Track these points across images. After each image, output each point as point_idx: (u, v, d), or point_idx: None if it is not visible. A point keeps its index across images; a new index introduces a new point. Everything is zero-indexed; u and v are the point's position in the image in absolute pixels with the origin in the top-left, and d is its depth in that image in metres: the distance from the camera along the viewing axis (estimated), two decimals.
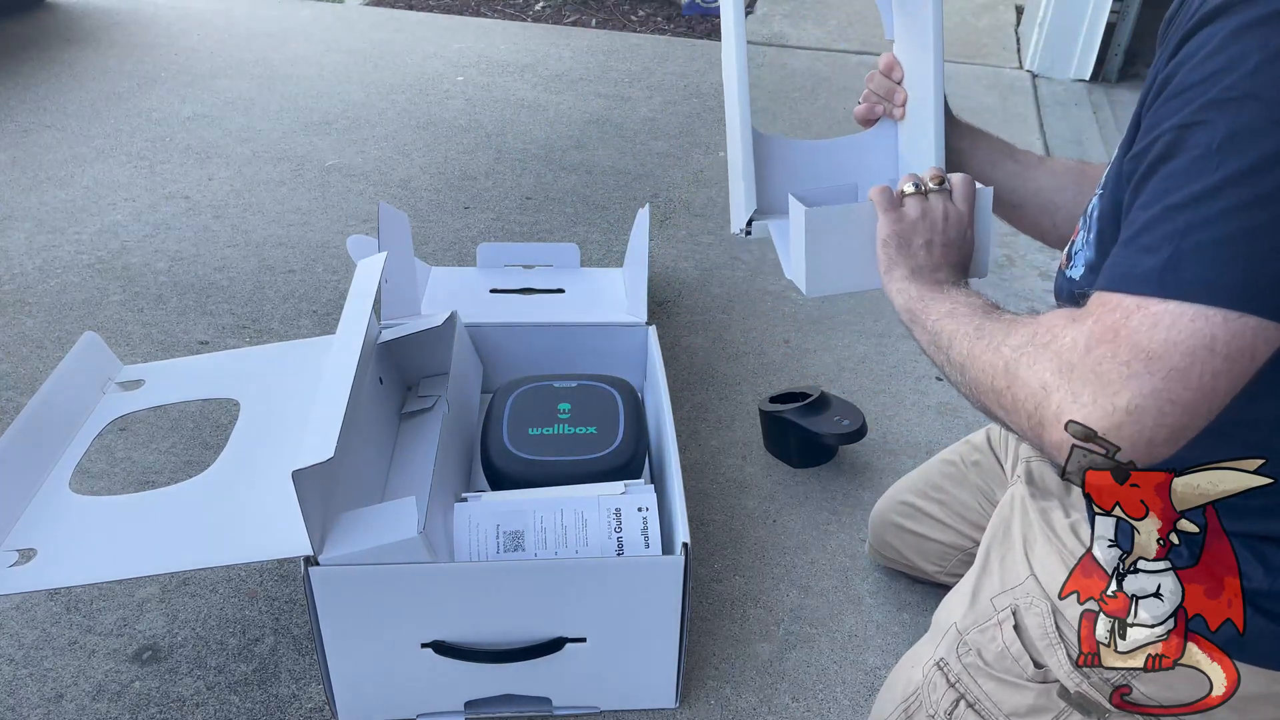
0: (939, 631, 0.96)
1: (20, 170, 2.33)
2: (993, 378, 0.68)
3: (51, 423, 1.14)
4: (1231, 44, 0.58)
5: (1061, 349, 0.62)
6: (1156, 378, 0.57)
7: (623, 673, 1.10)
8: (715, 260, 2.09)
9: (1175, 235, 0.58)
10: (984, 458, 1.15)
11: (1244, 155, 0.57)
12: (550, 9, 3.81)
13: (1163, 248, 0.58)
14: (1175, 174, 0.60)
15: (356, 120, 2.70)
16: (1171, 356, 0.57)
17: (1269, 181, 0.56)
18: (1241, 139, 0.57)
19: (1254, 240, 0.57)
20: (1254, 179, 0.57)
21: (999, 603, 0.89)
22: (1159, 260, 0.58)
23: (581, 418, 1.29)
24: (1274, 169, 0.56)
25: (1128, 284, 0.60)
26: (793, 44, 3.48)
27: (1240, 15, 0.59)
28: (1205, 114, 0.59)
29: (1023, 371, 0.65)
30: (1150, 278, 0.58)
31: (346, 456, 1.07)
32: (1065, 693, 0.84)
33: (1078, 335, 0.61)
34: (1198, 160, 0.59)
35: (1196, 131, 0.59)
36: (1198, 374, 0.57)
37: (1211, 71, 0.59)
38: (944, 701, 0.91)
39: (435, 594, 1.01)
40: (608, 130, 2.72)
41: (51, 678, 1.14)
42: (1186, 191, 0.59)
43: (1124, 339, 0.59)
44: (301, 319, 1.83)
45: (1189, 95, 0.60)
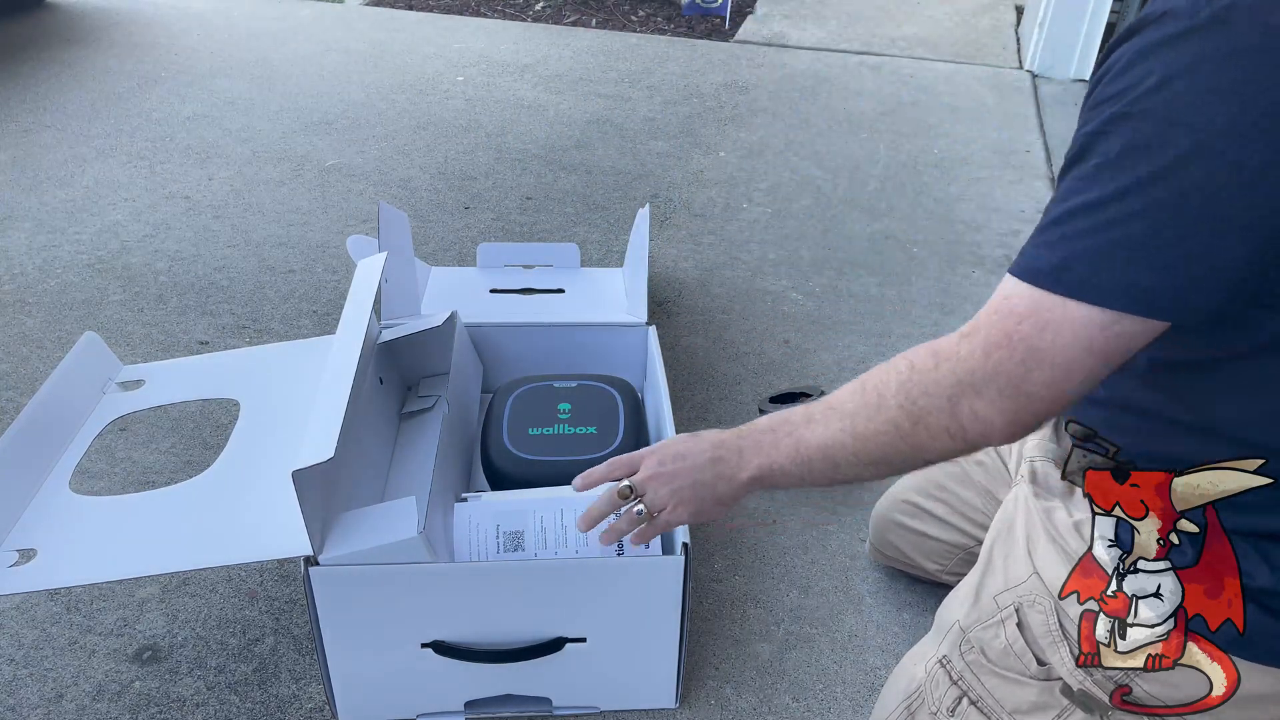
0: (942, 629, 0.96)
1: (20, 170, 2.33)
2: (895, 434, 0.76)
3: (51, 423, 1.14)
4: (1139, 61, 0.63)
5: (959, 363, 0.71)
6: (1047, 372, 0.67)
7: (623, 673, 1.10)
8: (715, 260, 2.09)
9: (1071, 237, 0.66)
10: (987, 457, 1.15)
11: (1135, 169, 0.63)
12: (550, 9, 3.81)
13: (1059, 247, 0.66)
14: (1081, 177, 0.66)
15: (356, 120, 2.70)
16: (1058, 355, 0.66)
17: (1153, 195, 0.62)
18: (1135, 153, 0.63)
19: (1133, 248, 0.63)
20: (1140, 192, 0.63)
21: (1002, 600, 0.89)
22: (1056, 258, 0.66)
23: (581, 418, 1.29)
24: (1158, 184, 0.62)
25: (1028, 275, 0.68)
26: (793, 44, 3.48)
27: (1148, 34, 0.63)
28: (1110, 125, 0.64)
29: (922, 403, 0.73)
30: (1046, 274, 0.66)
31: (346, 457, 1.07)
32: (1068, 690, 0.84)
33: (974, 347, 0.70)
34: (1098, 168, 0.65)
35: (1101, 141, 0.65)
36: (1078, 372, 0.67)
37: (1121, 88, 0.64)
38: (947, 699, 0.91)
39: (435, 594, 1.01)
40: (608, 130, 2.72)
41: (51, 678, 1.14)
42: (1085, 197, 0.65)
43: (1017, 343, 0.67)
44: (301, 319, 1.83)
45: (1101, 107, 0.65)
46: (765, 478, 0.87)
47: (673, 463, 0.91)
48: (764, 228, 2.24)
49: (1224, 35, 0.60)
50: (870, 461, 0.79)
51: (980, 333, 0.70)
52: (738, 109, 2.91)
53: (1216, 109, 0.60)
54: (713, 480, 0.89)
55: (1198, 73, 0.61)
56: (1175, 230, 0.62)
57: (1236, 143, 0.61)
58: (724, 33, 3.61)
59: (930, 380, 0.73)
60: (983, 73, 3.29)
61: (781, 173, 2.52)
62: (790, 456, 0.84)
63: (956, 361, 0.71)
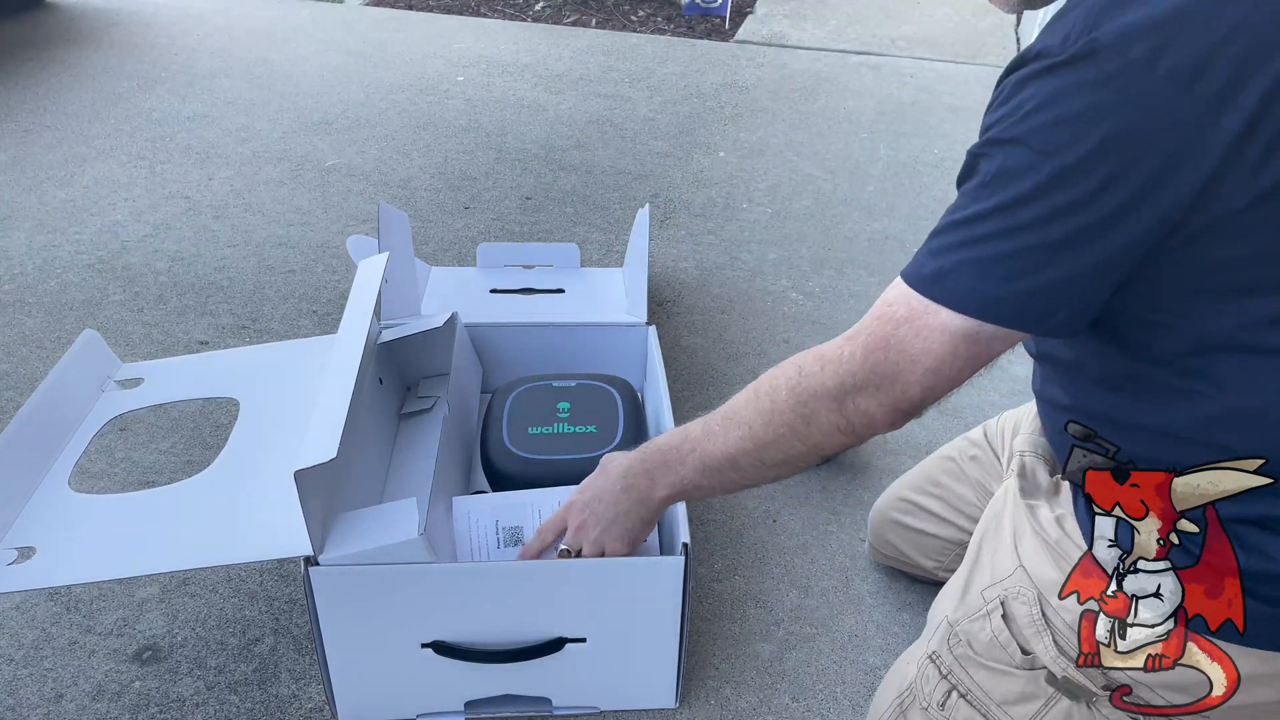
0: (932, 627, 0.96)
1: (20, 170, 2.33)
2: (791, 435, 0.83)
3: (51, 421, 1.14)
4: (1015, 92, 0.69)
5: (841, 365, 0.78)
6: (919, 373, 0.75)
7: (622, 673, 1.10)
8: (715, 260, 2.09)
9: (950, 248, 0.72)
10: (981, 452, 1.16)
11: (1006, 191, 0.69)
12: (550, 9, 3.81)
13: (940, 256, 0.73)
14: (965, 194, 0.73)
15: (356, 120, 2.70)
16: (927, 359, 0.74)
17: (1017, 216, 0.69)
18: (1007, 176, 0.69)
19: (996, 263, 0.70)
20: (1009, 213, 0.69)
21: (989, 594, 0.90)
22: (934, 266, 0.73)
23: (581, 417, 1.29)
24: (1022, 206, 0.68)
25: (912, 280, 0.75)
26: (793, 44, 3.48)
27: (1026, 69, 0.69)
28: (988, 149, 0.71)
29: (813, 405, 0.81)
30: (925, 280, 0.73)
31: (347, 457, 1.07)
32: (1053, 679, 0.84)
33: (855, 349, 0.77)
34: (977, 187, 0.71)
35: (981, 162, 0.71)
36: (945, 371, 0.74)
37: (999, 116, 0.70)
38: (936, 693, 0.91)
39: (435, 594, 1.01)
40: (608, 130, 2.72)
41: (51, 678, 1.14)
42: (964, 212, 0.72)
43: (893, 345, 0.75)
44: (301, 319, 1.83)
45: (988, 131, 0.72)
46: (679, 494, 0.95)
47: (591, 506, 0.99)
48: (764, 228, 2.24)
49: (1084, 68, 0.65)
50: (773, 464, 0.86)
51: (862, 336, 0.77)
52: (738, 109, 2.91)
53: (1070, 136, 0.66)
54: (631, 507, 0.97)
55: (1057, 103, 0.66)
56: (1032, 249, 0.69)
57: (1087, 168, 0.66)
58: (724, 33, 3.61)
59: (817, 383, 0.80)
60: (983, 72, 3.29)
61: (781, 173, 2.52)
62: (697, 470, 0.91)
63: (839, 364, 0.79)
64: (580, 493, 1.01)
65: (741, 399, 0.88)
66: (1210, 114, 0.63)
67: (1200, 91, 0.63)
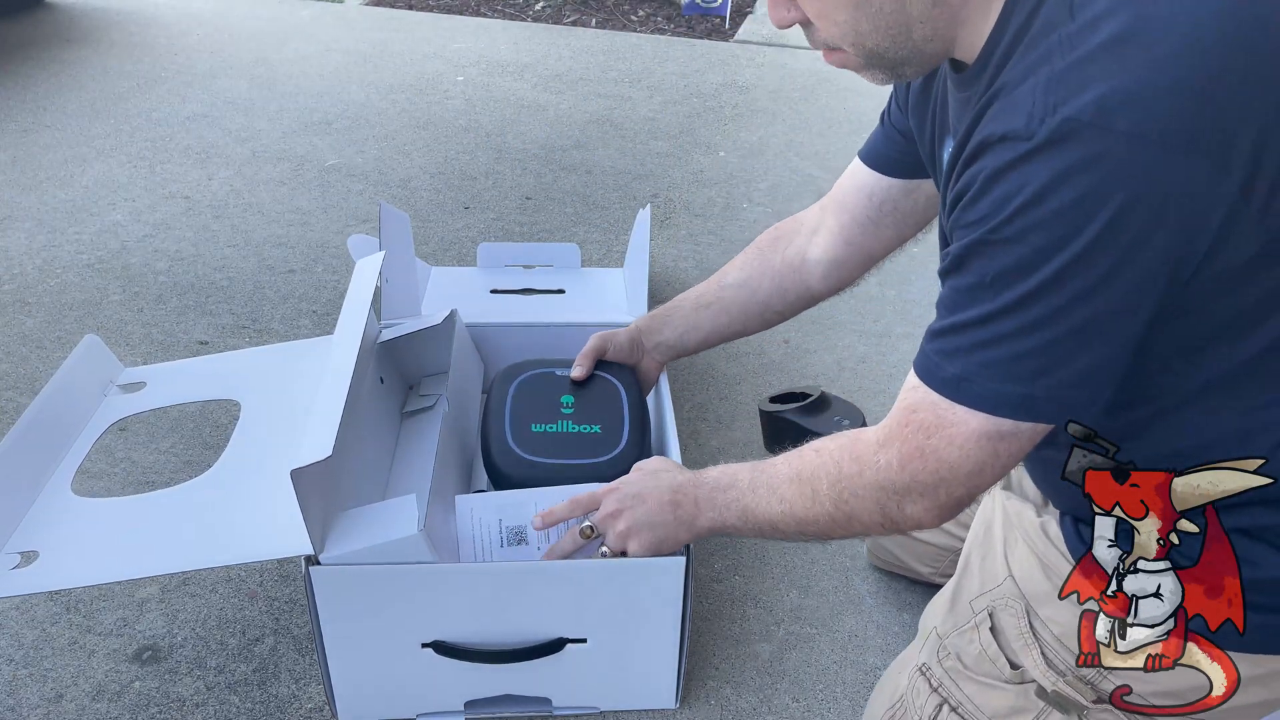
0: (923, 636, 0.96)
1: (20, 170, 2.33)
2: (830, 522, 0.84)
3: (52, 425, 1.14)
4: (991, 186, 0.67)
5: (879, 473, 0.78)
6: (961, 476, 0.74)
7: (623, 673, 1.10)
8: (715, 260, 2.09)
9: (964, 350, 0.71)
10: None
11: (1013, 289, 0.67)
12: (550, 9, 3.81)
13: (957, 358, 0.71)
14: (961, 290, 0.71)
15: (356, 120, 2.70)
16: (967, 464, 0.73)
17: (1035, 312, 0.67)
18: (1011, 275, 0.67)
19: (1021, 361, 0.68)
20: (1021, 311, 0.67)
21: (976, 605, 0.90)
22: (954, 369, 0.71)
23: (585, 414, 1.27)
24: (1035, 303, 0.66)
25: (932, 383, 0.74)
26: (793, 44, 3.48)
27: (993, 158, 0.66)
28: (979, 249, 0.68)
29: (852, 503, 0.81)
30: (948, 384, 0.72)
31: (347, 456, 1.07)
32: (1043, 692, 0.84)
33: (890, 459, 0.77)
34: (977, 287, 0.69)
35: (974, 261, 0.69)
36: (989, 470, 0.74)
37: (982, 213, 0.68)
38: (927, 707, 0.91)
39: (435, 594, 1.01)
40: (608, 130, 2.72)
41: (51, 678, 1.14)
42: (970, 313, 0.70)
43: (929, 455, 0.74)
44: (301, 319, 1.83)
45: (967, 230, 0.69)
46: (718, 529, 0.95)
47: (631, 503, 0.98)
48: (764, 227, 2.23)
49: (1069, 150, 0.62)
50: (813, 535, 0.88)
51: (895, 445, 0.77)
52: (738, 109, 2.91)
53: (1073, 226, 0.63)
54: (671, 523, 0.97)
55: (1051, 193, 0.63)
56: (1055, 342, 0.67)
57: (1097, 254, 0.64)
58: (724, 32, 3.61)
59: (857, 484, 0.80)
60: None
61: (781, 173, 2.52)
62: (740, 518, 0.92)
63: (876, 470, 0.78)
64: (625, 483, 1.01)
65: (784, 472, 0.88)
66: (1214, 173, 0.61)
67: (1198, 154, 0.61)
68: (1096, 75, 0.62)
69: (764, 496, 0.89)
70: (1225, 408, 0.73)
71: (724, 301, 1.22)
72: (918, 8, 0.70)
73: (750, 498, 0.91)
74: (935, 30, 0.72)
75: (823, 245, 1.17)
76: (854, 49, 0.75)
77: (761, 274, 1.21)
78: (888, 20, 0.71)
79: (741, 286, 1.21)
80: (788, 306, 1.22)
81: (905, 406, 0.77)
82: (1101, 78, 0.61)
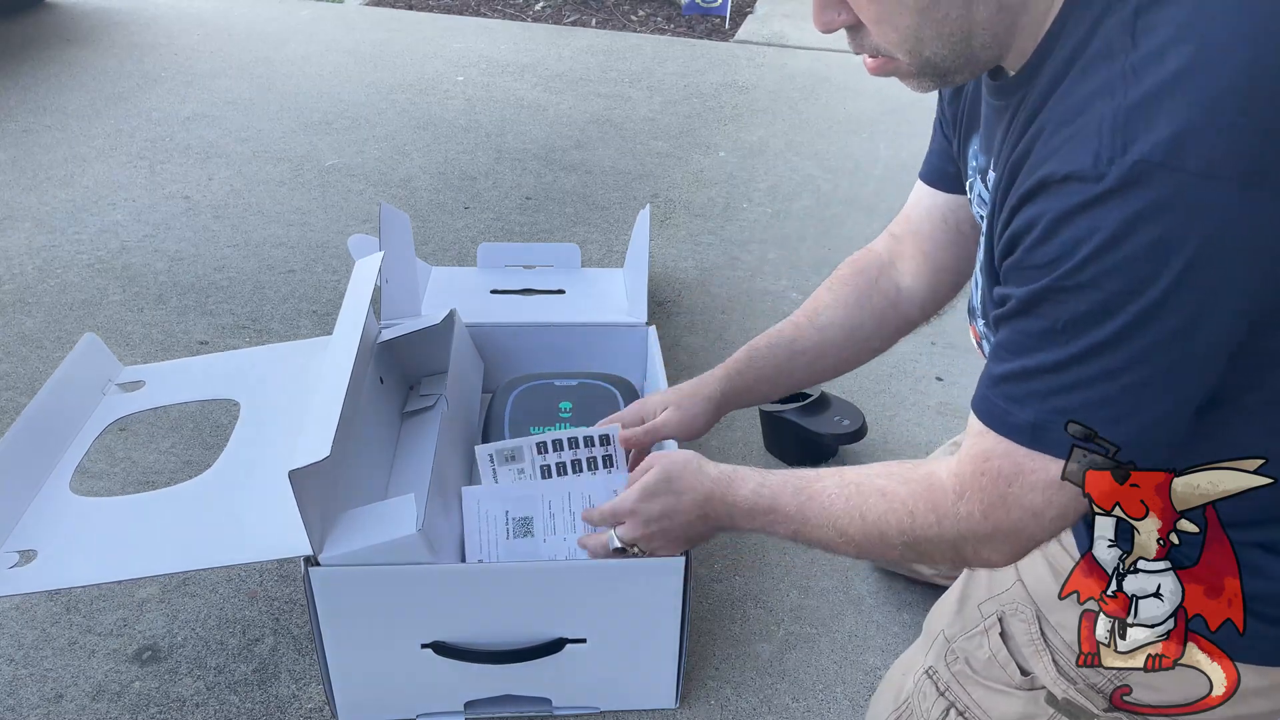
0: (929, 638, 0.96)
1: (20, 170, 2.33)
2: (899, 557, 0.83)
3: (52, 425, 1.14)
4: (1059, 229, 0.65)
5: (960, 523, 0.76)
6: (1045, 521, 0.72)
7: (623, 673, 1.10)
8: (715, 260, 2.09)
9: (1038, 396, 0.69)
10: None
11: (1088, 336, 0.65)
12: (550, 9, 3.81)
13: (1029, 404, 0.69)
14: (1030, 334, 0.69)
15: (356, 120, 2.70)
16: (1051, 509, 0.71)
17: (1109, 360, 0.65)
18: (1086, 321, 0.65)
19: (1100, 408, 0.67)
20: (1098, 358, 0.66)
21: (985, 609, 0.89)
22: (1029, 416, 0.69)
23: (583, 417, 1.28)
24: (1112, 351, 0.65)
25: (1005, 431, 0.71)
26: (793, 44, 3.48)
27: (1058, 199, 0.64)
28: (1049, 295, 0.67)
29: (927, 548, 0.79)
30: (1024, 431, 0.70)
31: (346, 456, 1.07)
32: (1052, 699, 0.84)
33: (972, 509, 0.75)
34: (1047, 334, 0.68)
35: (1045, 306, 0.67)
36: (1072, 513, 0.72)
37: (1050, 257, 0.66)
38: (934, 710, 0.91)
39: (435, 594, 1.01)
40: (608, 130, 2.72)
41: (51, 678, 1.14)
42: (1040, 358, 0.68)
43: (1012, 504, 0.72)
44: (301, 319, 1.83)
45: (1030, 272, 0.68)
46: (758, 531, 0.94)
47: (657, 523, 0.97)
48: (764, 228, 2.24)
49: (1136, 196, 0.61)
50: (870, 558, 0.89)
51: (974, 495, 0.74)
52: (738, 109, 2.91)
53: (1150, 272, 0.62)
54: (702, 530, 0.97)
55: (1126, 240, 0.62)
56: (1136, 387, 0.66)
57: (1178, 300, 0.62)
58: (724, 32, 3.61)
59: (934, 534, 0.78)
60: None
61: (781, 173, 2.52)
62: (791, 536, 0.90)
63: (957, 520, 0.76)
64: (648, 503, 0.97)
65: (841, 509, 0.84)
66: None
67: (1268, 187, 0.60)
68: (1165, 113, 0.60)
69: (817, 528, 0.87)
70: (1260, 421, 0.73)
71: (823, 346, 1.13)
72: (982, 13, 0.68)
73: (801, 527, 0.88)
74: (994, 37, 0.70)
75: (911, 273, 1.11)
76: (909, 56, 0.72)
77: (861, 311, 1.12)
78: (951, 27, 0.69)
79: (841, 327, 1.13)
80: (885, 341, 1.15)
81: (977, 454, 0.74)
82: (1171, 115, 0.60)
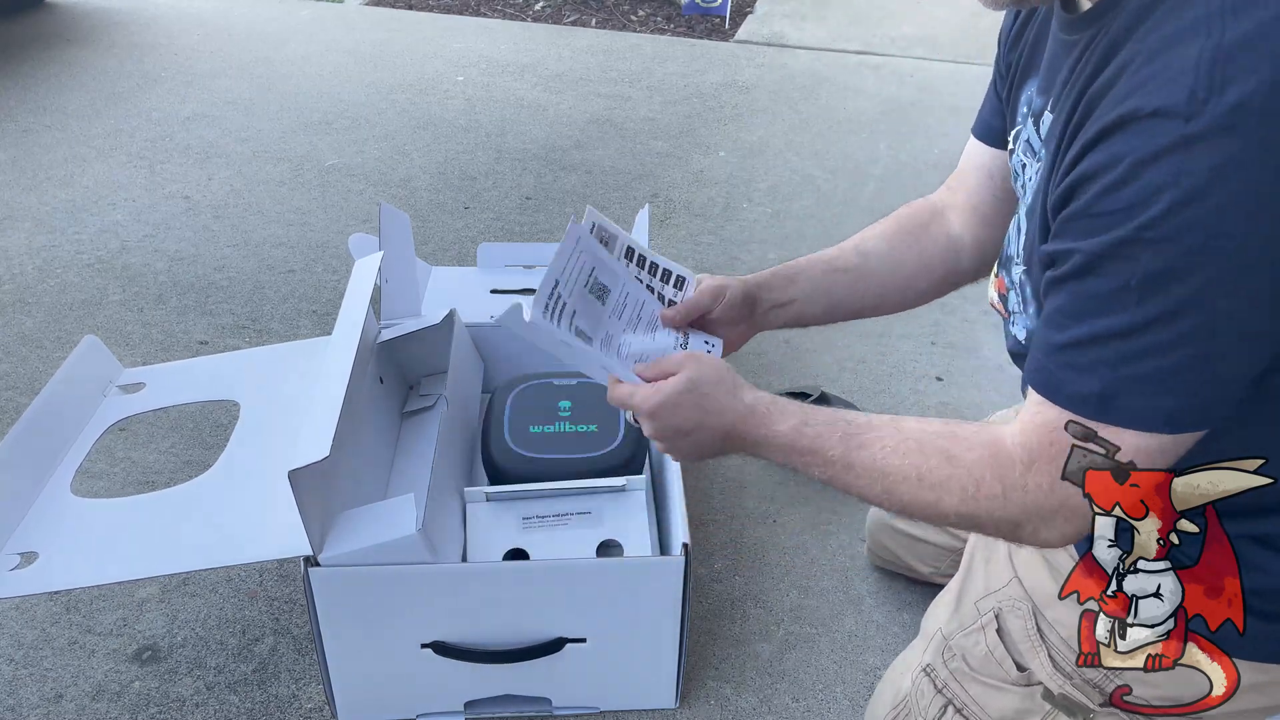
0: (926, 637, 0.96)
1: (20, 170, 2.33)
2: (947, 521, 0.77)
3: (52, 426, 1.14)
4: (1141, 172, 0.59)
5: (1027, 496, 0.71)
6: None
7: (622, 673, 1.10)
8: (715, 260, 2.09)
9: (1106, 364, 0.64)
10: None
11: (1165, 297, 0.60)
12: (550, 9, 3.81)
13: (1097, 373, 0.65)
14: (1096, 296, 0.64)
15: (356, 120, 2.70)
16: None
17: (1185, 323, 0.61)
18: (1160, 281, 0.60)
19: (1175, 376, 0.63)
20: (1172, 322, 0.61)
21: (982, 606, 0.89)
22: (1096, 386, 0.65)
23: (582, 415, 1.28)
24: (1189, 313, 0.60)
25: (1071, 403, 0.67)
26: (793, 44, 3.48)
27: (1142, 137, 0.59)
28: (1123, 249, 0.61)
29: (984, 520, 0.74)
30: (1090, 402, 0.66)
31: (346, 456, 1.07)
32: (1049, 695, 0.84)
33: (1040, 481, 0.70)
34: (1118, 292, 0.62)
35: (1114, 263, 0.62)
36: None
37: (1127, 203, 0.60)
38: (932, 708, 0.91)
39: (435, 594, 1.01)
40: (608, 130, 2.72)
41: (51, 678, 1.14)
42: (1110, 322, 0.63)
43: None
44: (301, 319, 1.83)
45: (1102, 221, 0.62)
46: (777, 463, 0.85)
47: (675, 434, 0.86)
48: (764, 228, 2.24)
49: (1236, 143, 0.57)
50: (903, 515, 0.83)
51: (1044, 467, 0.70)
52: (738, 109, 2.91)
53: (1235, 229, 0.58)
54: (722, 450, 0.87)
55: (1214, 190, 0.57)
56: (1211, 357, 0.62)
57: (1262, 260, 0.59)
58: (724, 32, 3.61)
59: (997, 506, 0.73)
60: (984, 72, 3.28)
61: (781, 173, 2.52)
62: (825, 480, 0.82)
63: (1024, 493, 0.71)
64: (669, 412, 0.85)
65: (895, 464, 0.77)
66: None
67: None
68: (1269, 55, 0.56)
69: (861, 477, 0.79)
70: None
71: (863, 270, 1.06)
72: None
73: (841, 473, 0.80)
74: None
75: (960, 223, 1.06)
76: None
77: (907, 246, 1.06)
78: None
79: (885, 257, 1.06)
80: (932, 286, 1.08)
81: (1042, 424, 0.69)
82: (1274, 58, 0.56)
